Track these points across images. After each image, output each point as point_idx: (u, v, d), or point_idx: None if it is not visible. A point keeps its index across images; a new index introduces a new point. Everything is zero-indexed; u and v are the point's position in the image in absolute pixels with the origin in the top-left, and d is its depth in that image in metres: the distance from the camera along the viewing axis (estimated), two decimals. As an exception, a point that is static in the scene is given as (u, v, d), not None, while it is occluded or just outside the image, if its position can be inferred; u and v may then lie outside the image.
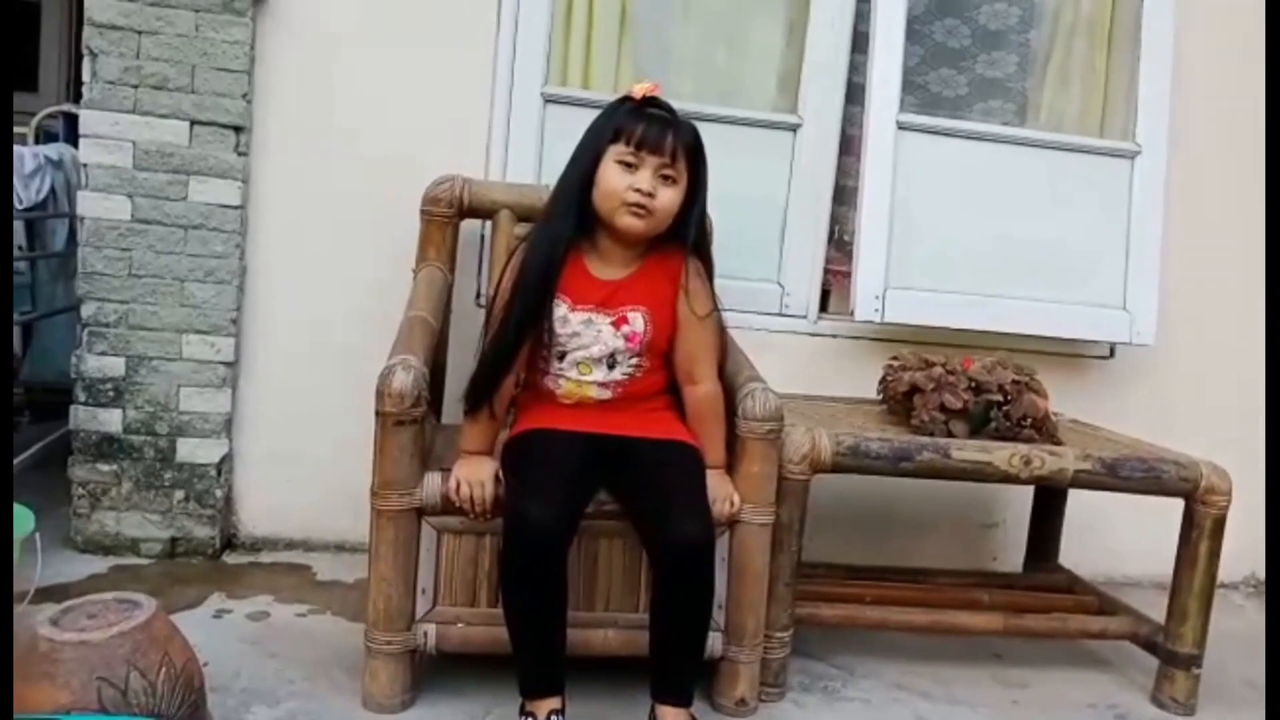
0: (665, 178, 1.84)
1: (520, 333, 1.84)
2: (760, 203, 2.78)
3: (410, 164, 2.48)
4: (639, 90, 1.87)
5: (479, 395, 1.86)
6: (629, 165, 1.82)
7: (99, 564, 2.47)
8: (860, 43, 2.75)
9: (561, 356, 1.89)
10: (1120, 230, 2.80)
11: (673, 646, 1.79)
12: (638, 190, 1.81)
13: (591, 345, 1.88)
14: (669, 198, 1.85)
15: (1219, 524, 2.12)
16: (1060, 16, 2.94)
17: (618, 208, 1.83)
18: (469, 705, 1.93)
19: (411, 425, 1.81)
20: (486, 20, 2.62)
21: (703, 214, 1.94)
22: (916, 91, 2.91)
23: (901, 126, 2.68)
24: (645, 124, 1.82)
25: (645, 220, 1.84)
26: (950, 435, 2.13)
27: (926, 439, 2.10)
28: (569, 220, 1.86)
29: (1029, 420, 2.15)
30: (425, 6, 2.59)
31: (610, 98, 2.03)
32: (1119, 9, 2.90)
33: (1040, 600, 2.41)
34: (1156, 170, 2.80)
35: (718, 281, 2.00)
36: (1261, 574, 3.11)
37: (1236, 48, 2.90)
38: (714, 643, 1.91)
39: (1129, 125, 2.83)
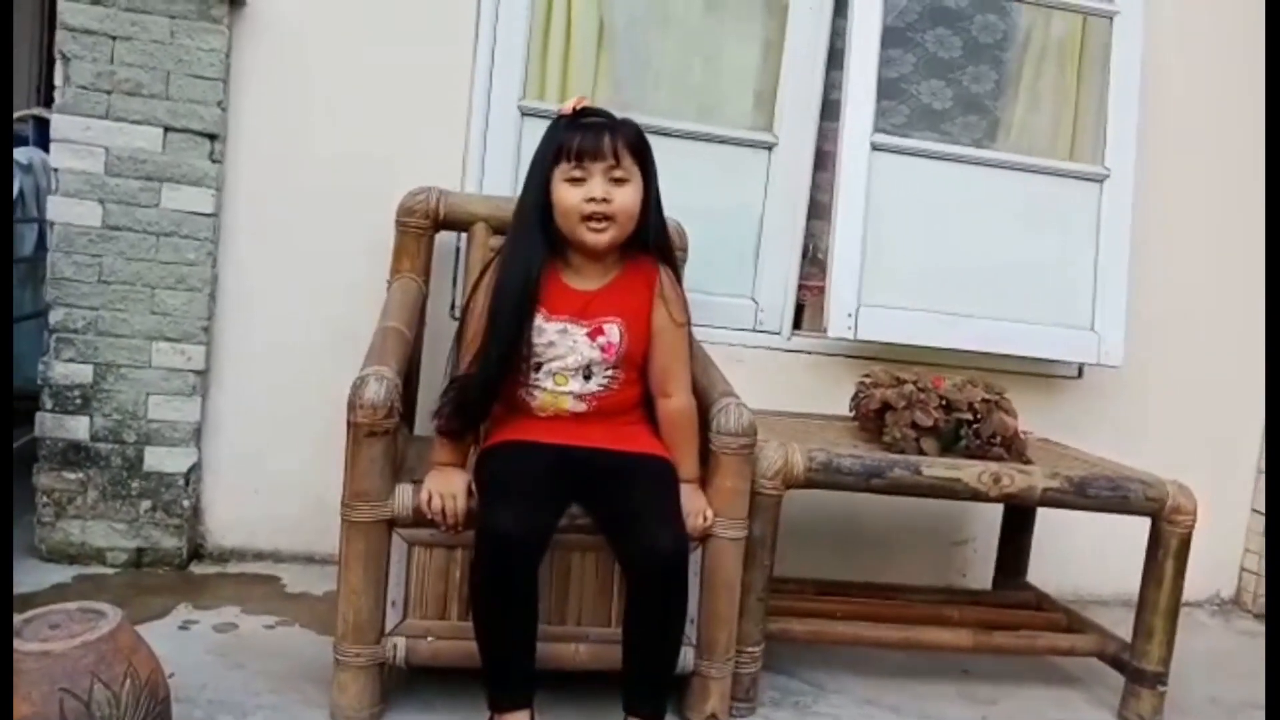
0: (616, 180, 1.85)
1: (502, 362, 1.84)
2: (735, 219, 2.80)
3: (386, 175, 2.48)
4: (568, 105, 1.89)
5: (463, 422, 1.86)
6: (577, 180, 1.83)
7: (63, 573, 2.44)
8: (836, 59, 2.78)
9: (538, 367, 1.88)
10: (1089, 252, 2.84)
11: (645, 660, 1.79)
12: (592, 200, 1.82)
13: (567, 355, 1.88)
14: (626, 197, 1.86)
15: (1185, 543, 2.15)
16: (1031, 39, 2.98)
17: (578, 225, 1.84)
18: (438, 719, 1.92)
19: (383, 436, 1.80)
20: (465, 32, 2.62)
21: (659, 207, 1.95)
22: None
23: (875, 147, 2.70)
24: (582, 135, 1.83)
25: (609, 230, 1.85)
26: (921, 452, 2.14)
27: (898, 456, 2.11)
28: (536, 245, 1.87)
29: (998, 439, 2.17)
30: (403, 17, 2.59)
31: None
32: (1089, 33, 2.94)
33: (1009, 617, 2.42)
34: (1124, 194, 2.84)
35: (692, 296, 2.01)
36: (1226, 592, 3.15)
37: (1205, 73, 2.95)
38: (685, 657, 1.91)
39: (1098, 149, 2.87)
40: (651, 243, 1.94)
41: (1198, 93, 2.96)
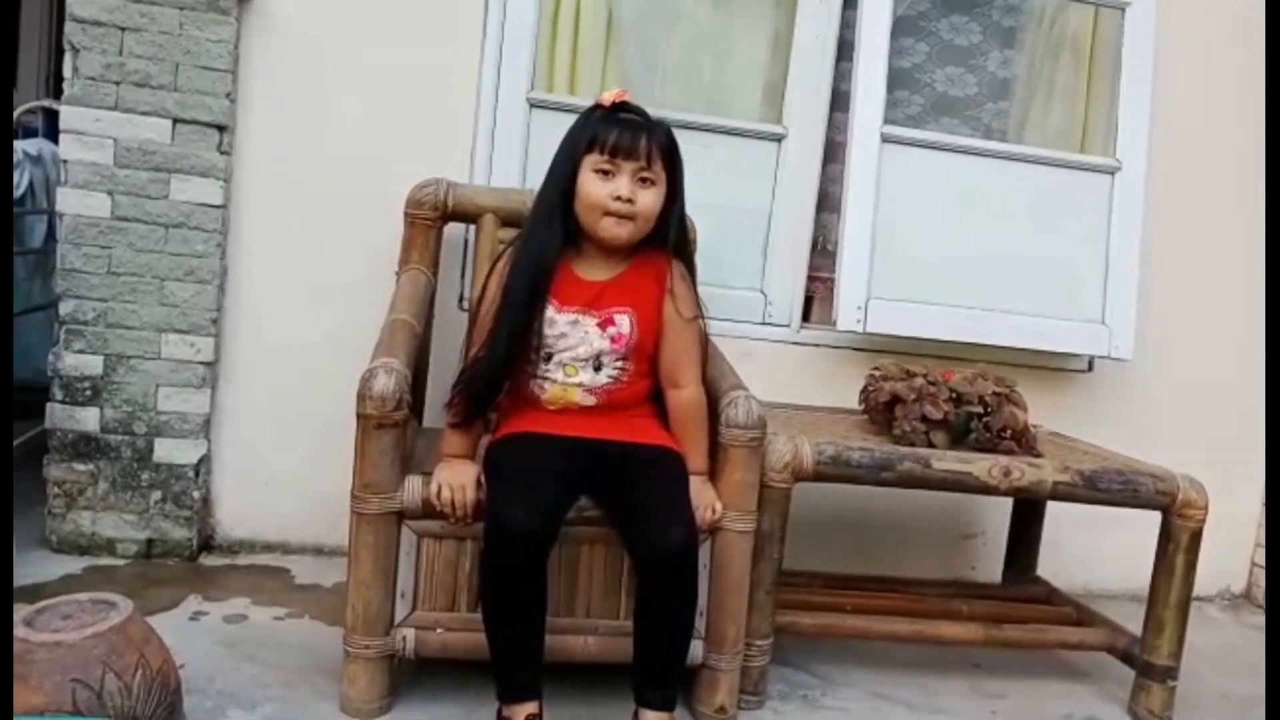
0: (644, 180, 1.84)
1: (511, 348, 1.84)
2: (744, 212, 2.79)
3: (394, 166, 2.48)
4: (608, 97, 1.88)
5: (473, 409, 1.86)
6: (606, 173, 1.83)
7: (74, 564, 2.44)
8: (847, 50, 2.77)
9: (548, 358, 1.88)
10: (1100, 245, 2.82)
11: (656, 651, 1.79)
12: (618, 198, 1.82)
13: (578, 346, 1.87)
14: (650, 200, 1.86)
15: (1195, 537, 2.14)
16: (1044, 30, 2.97)
17: (600, 218, 1.84)
18: (447, 710, 1.92)
19: (393, 428, 1.80)
20: (473, 24, 2.61)
21: (682, 214, 1.95)
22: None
23: (885, 139, 2.69)
24: (618, 130, 1.82)
25: (628, 228, 1.85)
26: (931, 446, 2.14)
27: (907, 449, 2.11)
28: (554, 232, 1.87)
29: (1009, 432, 2.16)
30: (412, 9, 2.58)
31: (597, 104, 2.03)
32: (1100, 26, 2.93)
33: (1018, 611, 2.42)
34: (1136, 187, 2.82)
35: (701, 289, 2.00)
36: (1236, 587, 3.14)
37: (1216, 65, 2.93)
38: (694, 650, 1.90)
39: (1110, 141, 2.86)
40: (671, 244, 1.93)
41: (1210, 85, 2.94)
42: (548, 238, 1.86)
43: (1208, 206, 2.97)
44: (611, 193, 1.82)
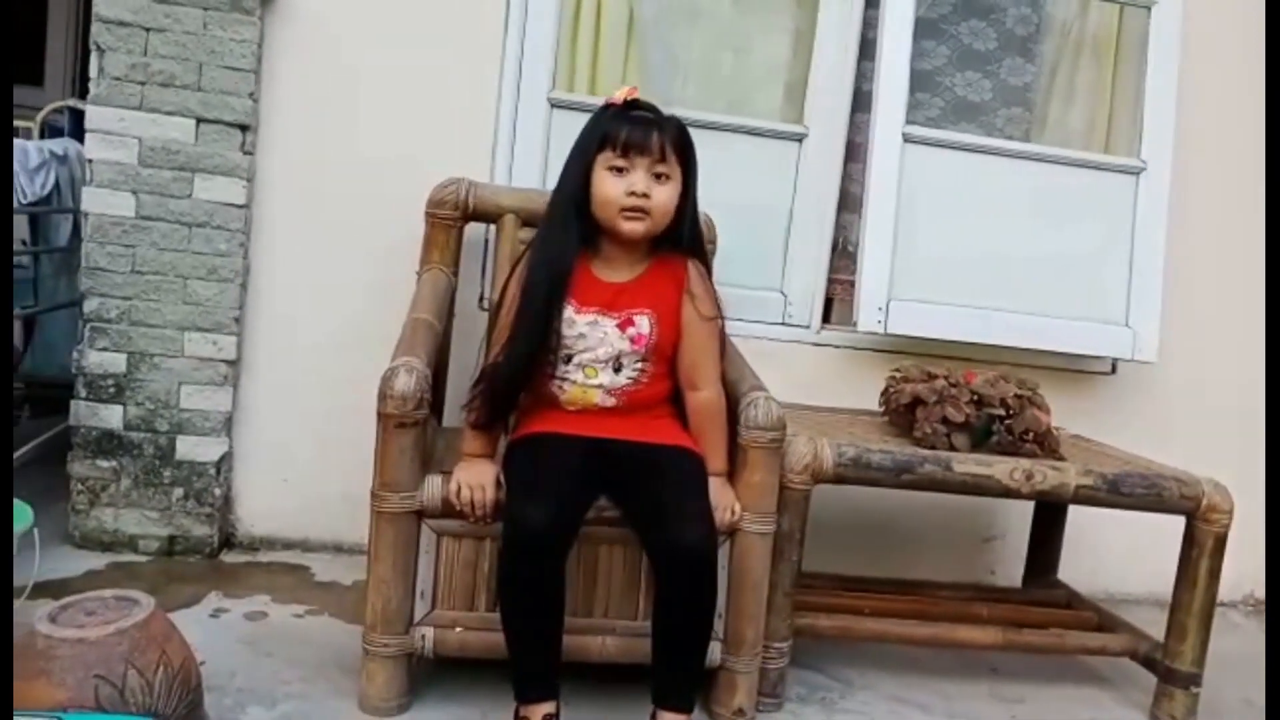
0: (658, 176, 1.84)
1: (530, 352, 1.84)
2: (764, 212, 2.78)
3: (415, 166, 2.48)
4: (619, 95, 1.88)
5: (493, 412, 1.87)
6: (620, 170, 1.83)
7: (96, 560, 2.47)
8: (868, 50, 2.75)
9: (568, 359, 1.88)
10: (1124, 247, 2.80)
11: (675, 652, 1.79)
12: (633, 193, 1.82)
13: (597, 347, 1.87)
14: (665, 195, 1.85)
15: (1220, 542, 2.12)
16: (1068, 29, 2.95)
17: (616, 215, 1.84)
18: (465, 709, 1.92)
19: (413, 427, 1.81)
20: (494, 24, 2.62)
21: (695, 208, 1.94)
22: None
23: (907, 139, 2.68)
24: (630, 127, 1.82)
25: (645, 222, 1.84)
26: (952, 448, 2.12)
27: (928, 451, 2.09)
28: (571, 233, 1.87)
29: (1031, 435, 2.15)
30: (433, 10, 2.59)
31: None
32: (1125, 26, 2.90)
33: (1039, 615, 2.40)
34: (1161, 187, 2.80)
35: (720, 289, 2.00)
36: (1260, 593, 3.11)
37: (1241, 67, 2.90)
38: (712, 652, 1.90)
39: (1134, 142, 2.83)
40: (685, 241, 1.93)
41: (1237, 84, 2.91)
42: (564, 240, 1.86)
43: (1233, 207, 2.94)
44: (626, 189, 1.82)
